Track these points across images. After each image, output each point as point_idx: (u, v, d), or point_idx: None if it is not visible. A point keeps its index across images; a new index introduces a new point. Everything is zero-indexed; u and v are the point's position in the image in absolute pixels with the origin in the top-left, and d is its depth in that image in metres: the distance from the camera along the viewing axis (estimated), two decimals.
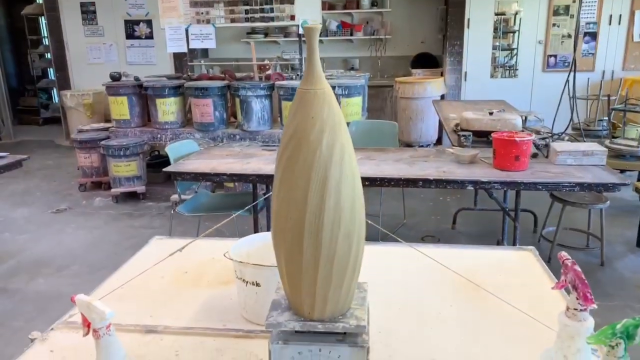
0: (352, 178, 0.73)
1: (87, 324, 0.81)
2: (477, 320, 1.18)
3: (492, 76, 6.28)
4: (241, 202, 3.13)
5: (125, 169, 4.64)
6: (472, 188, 2.58)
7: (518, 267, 1.44)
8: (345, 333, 0.83)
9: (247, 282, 1.15)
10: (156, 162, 5.28)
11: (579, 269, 0.75)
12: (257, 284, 1.14)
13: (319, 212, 0.71)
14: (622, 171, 3.45)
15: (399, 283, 1.35)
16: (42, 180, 5.58)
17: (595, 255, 3.35)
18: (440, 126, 5.62)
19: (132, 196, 4.80)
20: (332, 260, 0.74)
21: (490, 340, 1.10)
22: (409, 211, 4.18)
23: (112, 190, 4.74)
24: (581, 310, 0.73)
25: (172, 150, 3.11)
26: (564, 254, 0.80)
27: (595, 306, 0.73)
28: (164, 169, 2.83)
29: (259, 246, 1.26)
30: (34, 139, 7.89)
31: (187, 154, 3.14)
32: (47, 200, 4.87)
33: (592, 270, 3.17)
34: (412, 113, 5.96)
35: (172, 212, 3.19)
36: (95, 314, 0.78)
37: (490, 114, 3.30)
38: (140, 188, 4.76)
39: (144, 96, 4.90)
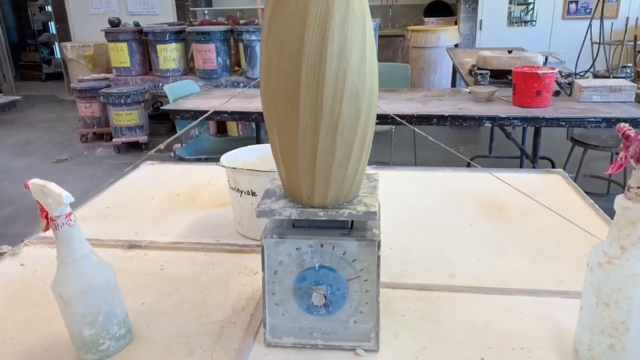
0: (362, 19, 0.58)
1: (44, 215, 0.68)
2: (502, 237, 1.04)
3: (509, 24, 5.97)
4: (244, 146, 2.98)
5: (126, 117, 4.49)
6: (489, 125, 2.41)
7: (546, 189, 1.29)
8: (351, 225, 0.70)
9: (241, 192, 1.02)
10: (159, 113, 5.13)
11: None
12: (253, 193, 1.00)
13: (318, 60, 0.56)
14: None
15: (413, 205, 1.21)
16: (44, 133, 5.46)
17: None
18: (454, 77, 5.39)
19: (134, 146, 4.67)
20: (335, 126, 0.59)
21: (517, 255, 0.96)
22: (420, 161, 4.02)
23: (114, 140, 4.61)
24: None
25: (171, 90, 2.95)
26: (623, 125, 0.65)
27: None
28: (162, 107, 2.68)
29: (255, 158, 1.12)
30: (37, 94, 7.73)
31: (187, 95, 2.99)
32: (48, 151, 4.77)
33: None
34: (424, 63, 5.71)
35: (172, 154, 3.06)
36: (51, 198, 0.65)
37: (509, 52, 3.08)
38: (142, 138, 4.63)
39: (144, 42, 4.71)
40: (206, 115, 2.14)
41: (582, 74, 3.02)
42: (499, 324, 0.76)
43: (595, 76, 3.80)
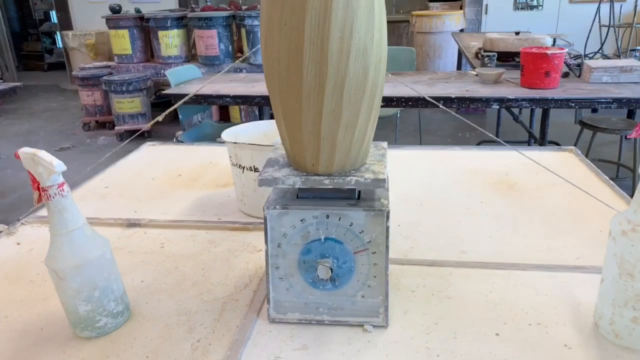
0: None
1: (36, 186, 0.65)
2: (514, 214, 1.00)
3: (515, 8, 5.88)
4: None
5: (128, 105, 4.46)
6: (497, 107, 2.36)
7: (558, 167, 1.25)
8: (359, 195, 0.66)
9: (243, 168, 0.98)
10: (161, 101, 5.09)
11: None
12: (256, 169, 0.97)
13: (323, 12, 0.52)
14: None
15: (420, 183, 1.18)
16: (46, 122, 5.43)
17: (626, 186, 3.12)
18: (459, 63, 5.31)
19: (136, 135, 4.63)
20: (341, 86, 0.55)
21: (530, 231, 0.92)
22: None
23: (116, 128, 4.58)
24: None
25: (172, 75, 2.90)
26: None
27: None
28: (164, 92, 2.64)
29: (258, 134, 1.08)
30: (39, 83, 7.70)
31: (189, 80, 2.95)
32: (50, 140, 4.74)
33: None
34: (429, 49, 5.63)
35: (174, 140, 3.03)
36: (41, 167, 0.62)
37: (517, 34, 3.02)
38: (145, 126, 4.58)
39: (145, 29, 4.66)
40: (203, 86, 2.10)
41: (590, 55, 2.96)
42: (514, 299, 0.72)
43: (606, 57, 3.73)
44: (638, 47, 4.27)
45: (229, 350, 0.64)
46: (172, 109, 0.93)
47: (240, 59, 4.50)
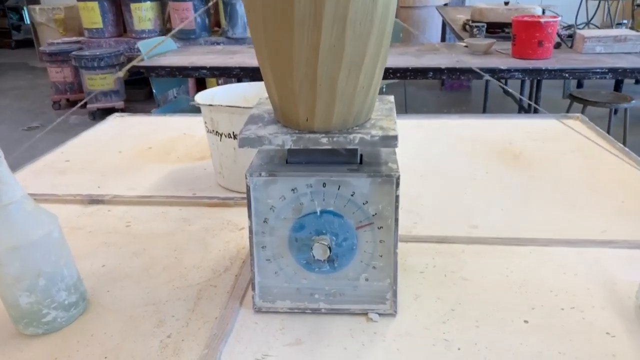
0: None
1: None
2: (524, 185, 0.90)
3: None
4: None
5: (100, 82, 4.24)
6: (488, 78, 2.26)
7: (564, 135, 1.16)
8: (361, 159, 0.55)
9: (221, 136, 0.86)
10: (136, 78, 4.86)
11: None
12: (236, 136, 0.84)
13: None
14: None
15: (419, 154, 1.07)
16: (14, 100, 5.16)
17: None
18: (444, 38, 5.20)
19: (109, 113, 4.40)
20: (344, 13, 0.43)
21: (545, 203, 0.83)
22: None
23: (88, 106, 4.36)
24: None
25: (145, 47, 2.73)
26: None
27: None
28: (135, 64, 2.46)
29: (237, 98, 0.95)
30: (6, 61, 7.34)
31: (163, 53, 2.77)
32: (18, 119, 4.50)
33: None
34: (413, 24, 5.49)
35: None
36: None
37: (506, 3, 2.91)
38: (118, 104, 4.38)
39: (117, 2, 4.42)
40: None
41: (581, 26, 2.87)
42: (539, 280, 0.62)
43: (597, 28, 3.66)
44: (625, 21, 4.21)
45: (205, 347, 0.53)
46: (138, 59, 0.80)
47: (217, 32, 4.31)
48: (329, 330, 0.55)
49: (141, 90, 4.75)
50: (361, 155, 0.55)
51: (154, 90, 2.68)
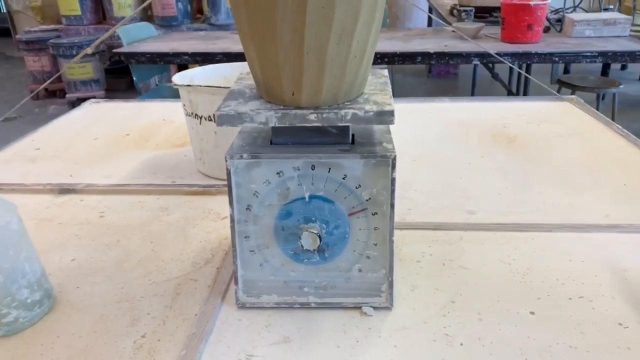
0: None
1: None
2: (521, 168, 0.86)
3: None
4: None
5: (79, 71, 4.12)
6: (477, 62, 2.22)
7: (559, 117, 1.12)
8: (352, 139, 0.50)
9: (201, 119, 0.80)
10: (117, 67, 4.74)
11: None
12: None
13: None
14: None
15: (410, 138, 1.02)
16: None
17: None
18: (429, 24, 5.15)
19: None
20: None
21: (545, 187, 0.79)
22: None
23: (67, 96, 4.24)
24: None
25: (125, 33, 2.63)
26: None
27: None
28: (115, 50, 2.38)
29: (218, 79, 0.89)
30: None
31: (143, 39, 2.68)
32: None
33: None
34: (398, 10, 5.44)
35: None
36: None
37: None
38: (99, 93, 4.26)
39: None
40: None
41: (569, 10, 2.84)
42: (544, 267, 0.58)
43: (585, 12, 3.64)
44: (611, 7, 4.20)
45: (184, 348, 0.48)
46: (109, 33, 0.74)
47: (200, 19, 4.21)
48: (320, 327, 0.50)
49: (122, 80, 4.63)
50: (353, 135, 0.50)
51: (134, 78, 2.59)
